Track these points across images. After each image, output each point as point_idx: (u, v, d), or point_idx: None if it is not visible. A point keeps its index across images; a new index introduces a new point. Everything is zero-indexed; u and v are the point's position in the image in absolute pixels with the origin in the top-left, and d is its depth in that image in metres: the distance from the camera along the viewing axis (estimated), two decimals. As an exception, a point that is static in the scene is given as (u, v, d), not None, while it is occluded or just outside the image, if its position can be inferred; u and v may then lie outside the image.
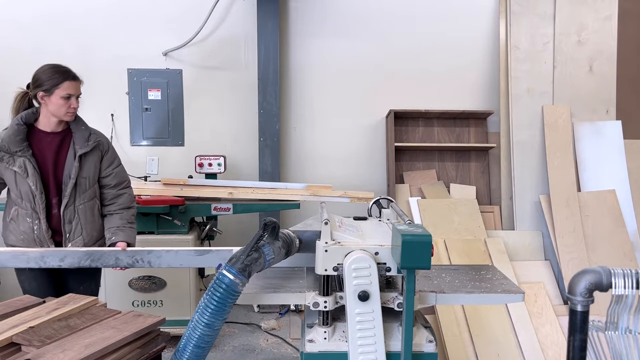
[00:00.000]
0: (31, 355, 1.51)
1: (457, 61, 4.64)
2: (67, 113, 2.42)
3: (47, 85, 2.37)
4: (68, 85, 2.40)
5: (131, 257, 2.36)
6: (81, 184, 2.48)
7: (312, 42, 4.63)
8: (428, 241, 1.59)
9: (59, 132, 2.47)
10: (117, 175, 2.64)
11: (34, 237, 2.43)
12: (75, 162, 2.44)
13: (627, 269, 1.47)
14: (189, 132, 4.60)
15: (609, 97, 4.19)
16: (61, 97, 2.38)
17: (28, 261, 2.31)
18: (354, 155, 4.71)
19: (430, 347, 1.81)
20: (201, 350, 1.63)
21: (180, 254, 2.32)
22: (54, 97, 2.37)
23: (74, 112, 2.45)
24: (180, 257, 2.33)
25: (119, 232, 2.53)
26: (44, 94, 2.37)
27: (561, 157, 4.02)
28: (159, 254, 2.32)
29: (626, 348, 1.51)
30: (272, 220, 1.76)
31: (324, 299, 1.80)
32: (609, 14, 4.20)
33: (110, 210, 2.61)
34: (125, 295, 3.52)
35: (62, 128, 2.49)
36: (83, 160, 2.48)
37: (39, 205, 2.40)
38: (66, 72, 2.43)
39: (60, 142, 2.47)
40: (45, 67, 2.43)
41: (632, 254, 3.75)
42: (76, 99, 2.45)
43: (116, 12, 4.50)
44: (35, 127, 2.45)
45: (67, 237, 2.47)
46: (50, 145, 2.45)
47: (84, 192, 2.49)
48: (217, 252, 2.29)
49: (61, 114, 2.41)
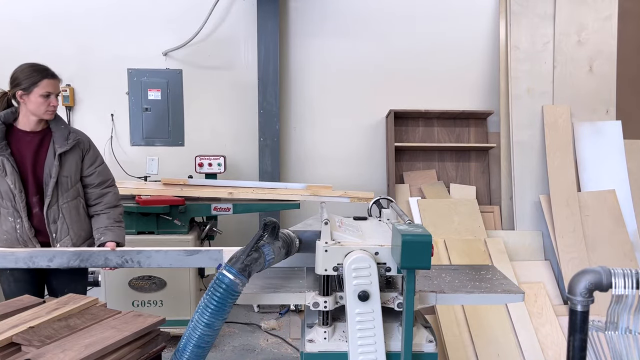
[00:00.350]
0: (31, 355, 1.51)
1: (457, 61, 4.64)
2: (47, 111, 2.42)
3: (25, 84, 2.36)
4: (47, 83, 2.39)
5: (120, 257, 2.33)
6: (63, 182, 2.47)
7: (312, 42, 4.63)
8: (428, 241, 1.59)
9: (38, 132, 2.47)
10: (100, 174, 2.63)
11: (16, 237, 2.42)
12: (55, 160, 2.43)
13: (627, 269, 1.47)
14: (189, 132, 4.61)
15: (609, 97, 4.19)
16: (40, 96, 2.37)
17: (17, 261, 2.29)
18: (354, 155, 4.71)
19: (430, 347, 1.81)
20: (201, 350, 1.63)
21: (170, 254, 2.29)
22: (33, 96, 2.37)
23: (53, 110, 2.45)
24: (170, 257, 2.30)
25: (108, 232, 2.52)
26: (22, 93, 2.37)
27: (561, 157, 4.02)
28: (148, 254, 2.29)
29: (626, 348, 1.51)
30: (272, 220, 1.76)
31: (324, 299, 1.80)
32: (609, 14, 4.20)
33: (97, 211, 2.60)
34: (125, 295, 3.52)
35: (42, 127, 2.48)
36: (63, 159, 2.47)
37: (19, 204, 2.39)
38: (44, 71, 2.42)
39: (40, 141, 2.47)
40: (24, 66, 2.42)
41: (632, 254, 3.75)
42: (55, 97, 2.44)
43: (116, 12, 4.50)
44: (14, 127, 2.44)
45: (54, 238, 2.46)
46: (30, 144, 2.44)
47: (66, 191, 2.49)
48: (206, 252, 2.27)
49: (40, 113, 2.41)
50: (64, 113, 4.41)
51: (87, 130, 2.70)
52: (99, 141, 4.39)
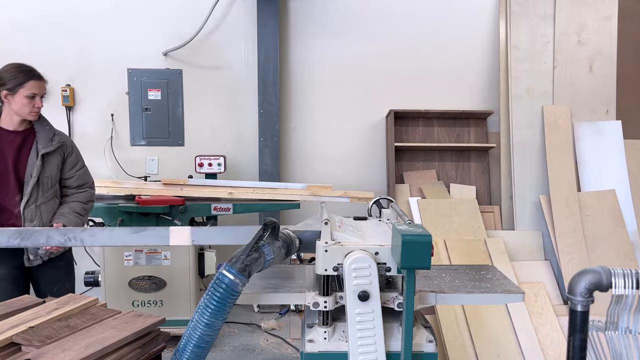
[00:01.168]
0: (31, 355, 1.51)
1: (457, 61, 4.64)
2: (31, 112, 2.42)
3: (10, 85, 2.36)
4: (32, 84, 2.40)
5: (64, 235, 2.28)
6: (43, 183, 2.47)
7: (312, 42, 4.63)
8: (428, 241, 1.58)
9: (21, 131, 2.47)
10: (79, 177, 2.64)
11: None
12: (37, 161, 2.43)
13: (627, 269, 1.46)
14: (189, 132, 4.61)
15: (609, 97, 4.19)
16: (25, 97, 2.38)
17: None
18: (354, 155, 4.71)
19: (430, 347, 1.81)
20: (201, 350, 1.63)
21: (115, 232, 2.24)
22: (18, 97, 2.37)
23: (38, 111, 2.46)
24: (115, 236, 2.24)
25: (61, 217, 2.52)
26: (7, 93, 2.37)
27: (561, 157, 4.02)
28: (92, 233, 2.21)
29: (626, 348, 1.51)
30: (272, 220, 1.76)
31: (324, 299, 1.80)
32: (609, 14, 4.19)
33: (63, 201, 2.61)
34: (125, 295, 3.52)
35: (25, 127, 2.49)
36: (46, 160, 2.47)
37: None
38: (30, 72, 2.42)
39: (23, 140, 2.47)
40: (9, 67, 2.42)
41: (632, 254, 3.75)
42: (40, 99, 2.44)
43: (116, 12, 4.50)
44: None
45: None
46: (12, 144, 2.45)
47: (46, 191, 2.49)
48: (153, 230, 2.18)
49: (25, 113, 2.41)
50: (64, 113, 4.41)
51: (87, 130, 2.71)
52: (99, 141, 4.46)
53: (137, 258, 3.51)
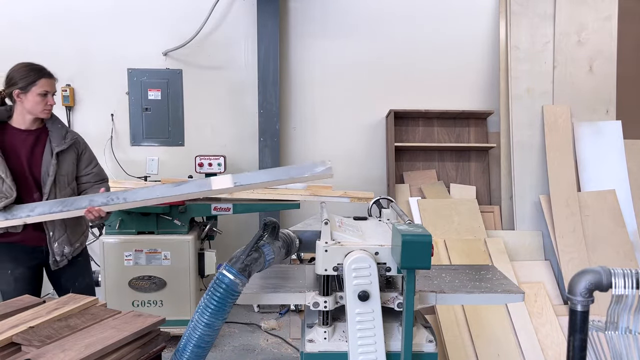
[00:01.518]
0: (31, 355, 1.51)
1: (457, 61, 4.64)
2: (44, 110, 2.43)
3: (22, 83, 2.37)
4: (44, 82, 2.41)
5: (106, 197, 2.33)
6: (60, 181, 2.48)
7: (312, 42, 4.63)
8: (428, 241, 1.59)
9: (33, 130, 2.48)
10: (97, 174, 2.67)
11: None
12: (52, 159, 2.45)
13: (627, 269, 1.46)
14: (189, 132, 4.61)
15: (609, 97, 4.19)
16: (38, 95, 2.39)
17: None
18: (354, 155, 4.71)
19: (430, 347, 1.81)
20: (201, 350, 1.63)
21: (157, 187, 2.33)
22: (31, 95, 2.38)
23: (50, 109, 2.47)
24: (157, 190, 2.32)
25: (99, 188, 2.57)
26: (20, 92, 2.38)
27: (561, 157, 4.02)
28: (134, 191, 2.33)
29: (626, 348, 1.51)
30: (272, 220, 1.76)
31: (324, 299, 1.80)
32: (609, 14, 4.20)
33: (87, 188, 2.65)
34: (125, 295, 3.52)
35: (37, 126, 2.49)
36: (60, 158, 2.49)
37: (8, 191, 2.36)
38: (41, 70, 2.44)
39: (35, 139, 2.48)
40: (19, 66, 2.43)
41: (632, 254, 3.75)
42: (52, 96, 2.46)
43: (116, 12, 4.50)
44: (7, 125, 2.46)
45: (51, 236, 2.47)
46: (25, 142, 2.45)
47: (64, 189, 2.50)
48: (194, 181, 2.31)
49: (38, 111, 2.42)
50: (64, 113, 4.41)
51: (87, 130, 2.71)
52: (99, 141, 4.46)
53: (137, 258, 3.51)
